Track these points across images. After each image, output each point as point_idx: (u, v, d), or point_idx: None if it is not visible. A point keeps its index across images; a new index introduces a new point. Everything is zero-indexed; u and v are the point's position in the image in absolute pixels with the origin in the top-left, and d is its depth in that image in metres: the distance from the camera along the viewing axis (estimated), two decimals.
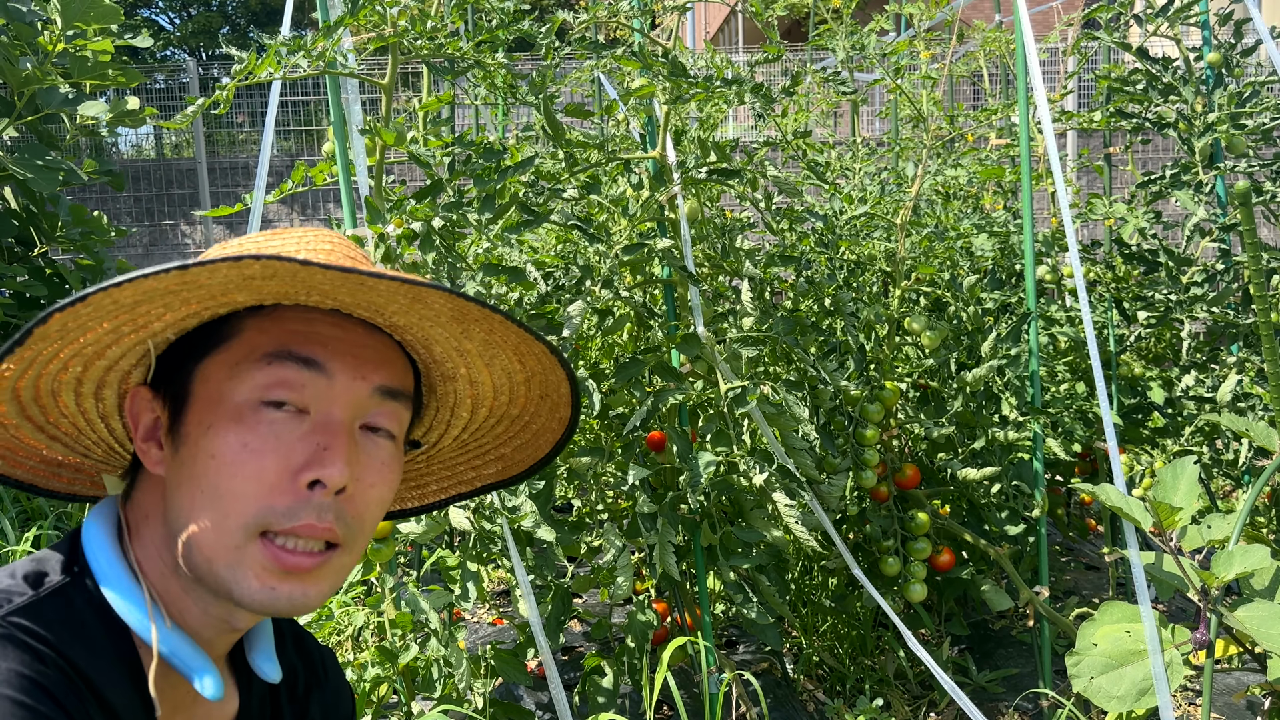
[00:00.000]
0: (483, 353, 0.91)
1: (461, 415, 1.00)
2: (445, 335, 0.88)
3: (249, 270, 0.74)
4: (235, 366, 0.81)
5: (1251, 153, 2.65)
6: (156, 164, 9.94)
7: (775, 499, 2.06)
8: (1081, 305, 1.96)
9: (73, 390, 0.84)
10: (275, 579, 0.79)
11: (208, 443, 0.80)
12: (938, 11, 2.90)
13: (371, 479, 0.85)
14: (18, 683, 0.70)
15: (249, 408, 0.80)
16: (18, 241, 4.41)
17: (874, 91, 8.80)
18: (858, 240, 2.54)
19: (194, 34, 26.75)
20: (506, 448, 1.05)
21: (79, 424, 0.88)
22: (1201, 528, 1.65)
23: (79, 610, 0.79)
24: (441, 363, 0.93)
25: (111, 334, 0.80)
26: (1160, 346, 3.23)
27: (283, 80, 1.63)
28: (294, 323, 0.83)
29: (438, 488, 1.09)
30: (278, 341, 0.82)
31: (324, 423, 0.81)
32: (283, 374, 0.81)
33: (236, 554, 0.78)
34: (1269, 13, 9.84)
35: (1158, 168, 2.77)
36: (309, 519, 0.79)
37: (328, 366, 0.82)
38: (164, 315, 0.80)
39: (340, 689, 1.08)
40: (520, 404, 0.99)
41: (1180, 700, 2.53)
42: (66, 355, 0.80)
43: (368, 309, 0.85)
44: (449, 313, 0.84)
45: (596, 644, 2.89)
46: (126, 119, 4.27)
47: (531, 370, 0.94)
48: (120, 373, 0.85)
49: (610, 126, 2.69)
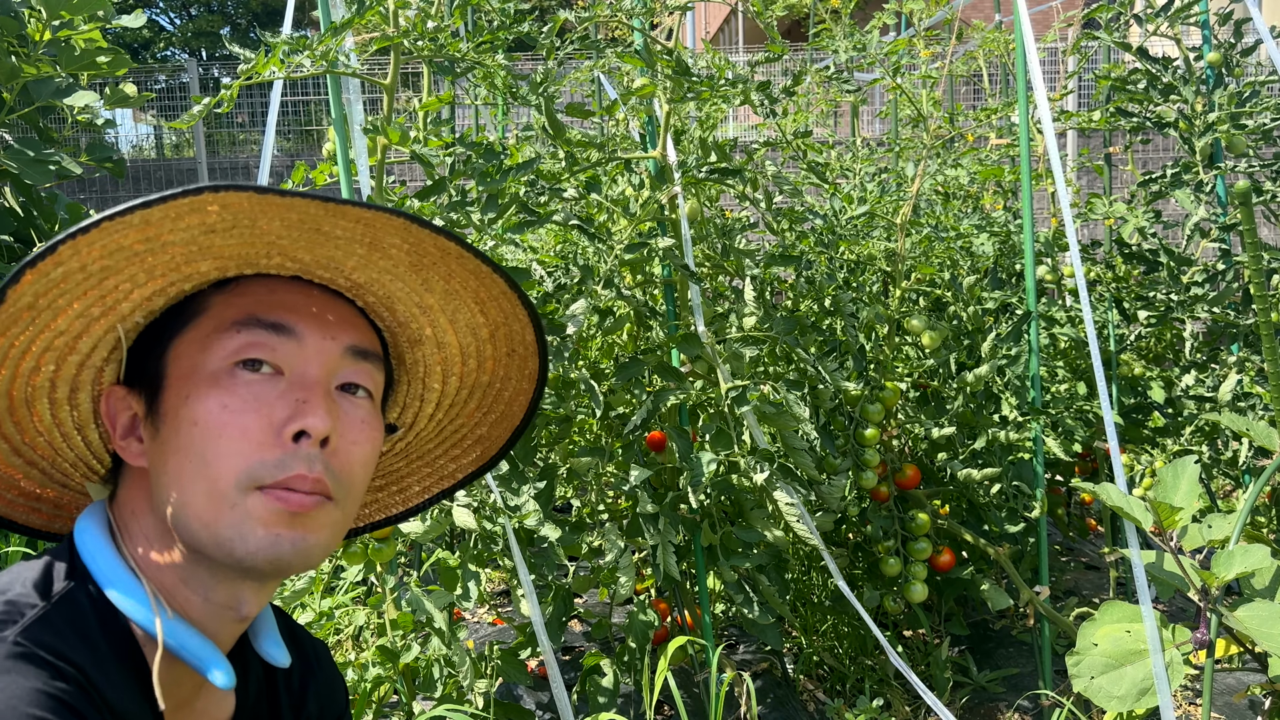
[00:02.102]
0: (445, 306, 0.92)
1: (433, 386, 1.00)
2: (406, 290, 0.89)
3: (209, 216, 0.75)
4: (206, 339, 0.83)
5: (1252, 152, 2.65)
6: (157, 164, 9.94)
7: (776, 497, 2.06)
8: (1082, 305, 1.96)
9: (47, 396, 0.85)
10: (280, 524, 0.80)
11: (188, 411, 0.80)
12: (938, 10, 2.90)
13: (354, 436, 0.85)
14: (43, 702, 0.70)
15: (224, 372, 0.81)
16: (16, 240, 4.41)
17: (874, 91, 8.80)
18: (858, 240, 2.54)
19: (195, 34, 26.75)
20: (483, 426, 1.05)
21: (54, 441, 0.88)
22: (1202, 527, 1.65)
23: (85, 614, 0.79)
24: (406, 324, 0.94)
25: (81, 318, 0.80)
26: (1160, 346, 3.24)
27: (284, 80, 1.63)
28: (258, 293, 0.85)
29: (420, 488, 1.09)
30: (244, 310, 0.83)
31: (300, 380, 0.83)
32: (253, 338, 0.82)
33: (236, 511, 0.79)
34: (1269, 12, 9.84)
35: (1158, 167, 2.77)
36: (299, 469, 0.80)
37: (296, 329, 0.84)
38: (131, 293, 0.81)
39: (334, 680, 1.07)
40: (489, 367, 0.99)
41: (1180, 700, 2.53)
42: (38, 348, 0.80)
43: (327, 267, 0.86)
44: (407, 262, 0.86)
45: (597, 644, 2.89)
46: (124, 103, 4.26)
47: (495, 322, 0.94)
48: (93, 370, 0.86)
49: (611, 126, 2.70)
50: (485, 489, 1.92)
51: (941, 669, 2.57)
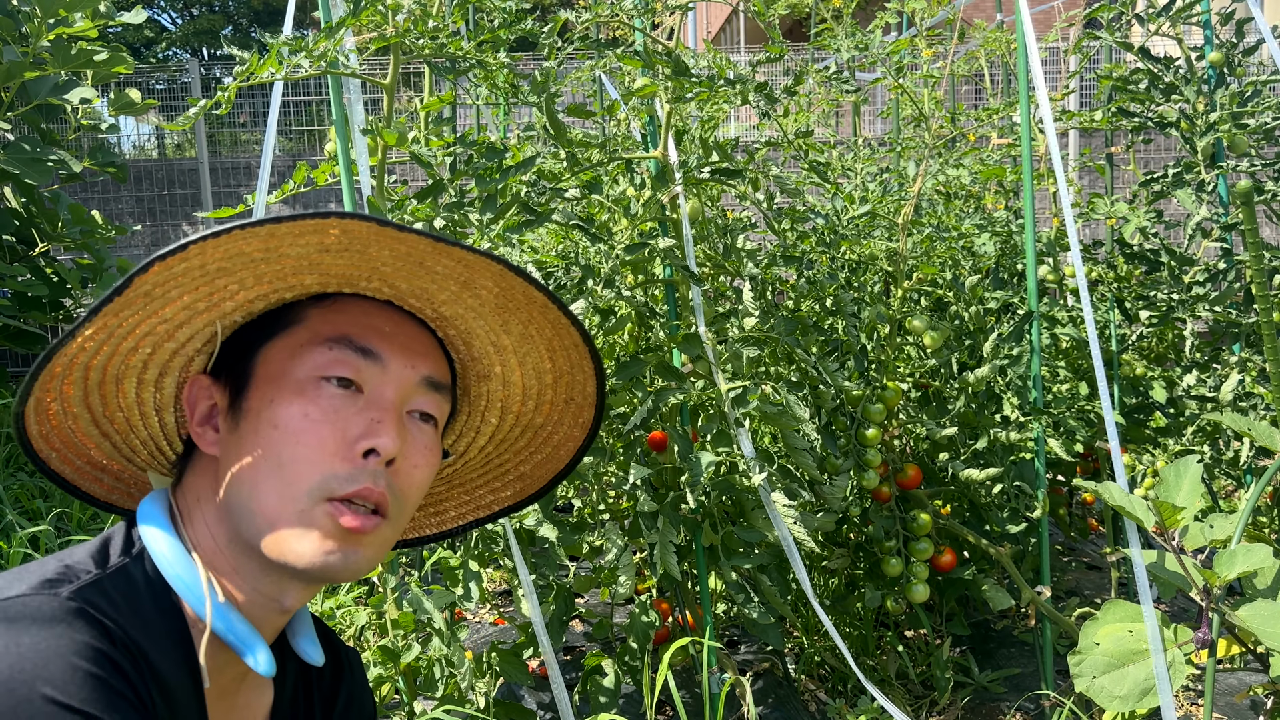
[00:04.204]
0: (517, 348, 0.98)
1: (490, 420, 1.05)
2: (486, 329, 0.95)
3: (329, 237, 0.80)
4: (298, 349, 0.88)
5: (1254, 152, 2.65)
6: (158, 164, 9.94)
7: (773, 499, 2.06)
8: (1084, 305, 1.95)
9: (137, 375, 0.89)
10: (335, 538, 0.84)
11: (270, 414, 0.85)
12: (939, 10, 2.89)
13: (416, 460, 0.91)
14: (92, 655, 0.73)
15: (310, 383, 0.86)
16: (18, 240, 4.41)
17: (876, 90, 8.80)
18: (859, 240, 2.53)
19: (196, 34, 26.75)
20: (526, 465, 1.09)
21: (132, 418, 0.92)
22: (1204, 527, 1.65)
23: (139, 588, 0.83)
24: (479, 360, 1.00)
25: (186, 310, 0.85)
26: (1162, 346, 3.23)
27: (285, 80, 1.63)
28: (354, 313, 0.90)
29: (456, 514, 1.14)
30: (338, 329, 0.88)
31: (377, 401, 0.88)
32: (342, 357, 0.87)
33: (303, 517, 0.83)
34: (1270, 12, 9.83)
35: (1160, 167, 2.77)
36: (366, 483, 0.85)
37: (382, 356, 0.89)
38: (238, 294, 0.86)
39: (364, 687, 1.11)
40: (545, 411, 1.05)
41: (1182, 700, 2.53)
42: (141, 331, 0.85)
43: (420, 297, 0.91)
44: (494, 303, 0.92)
45: (598, 644, 2.89)
46: (129, 110, 4.27)
47: (560, 369, 1.00)
48: (184, 358, 0.91)
49: (612, 126, 2.69)
50: None
51: (943, 669, 2.57)
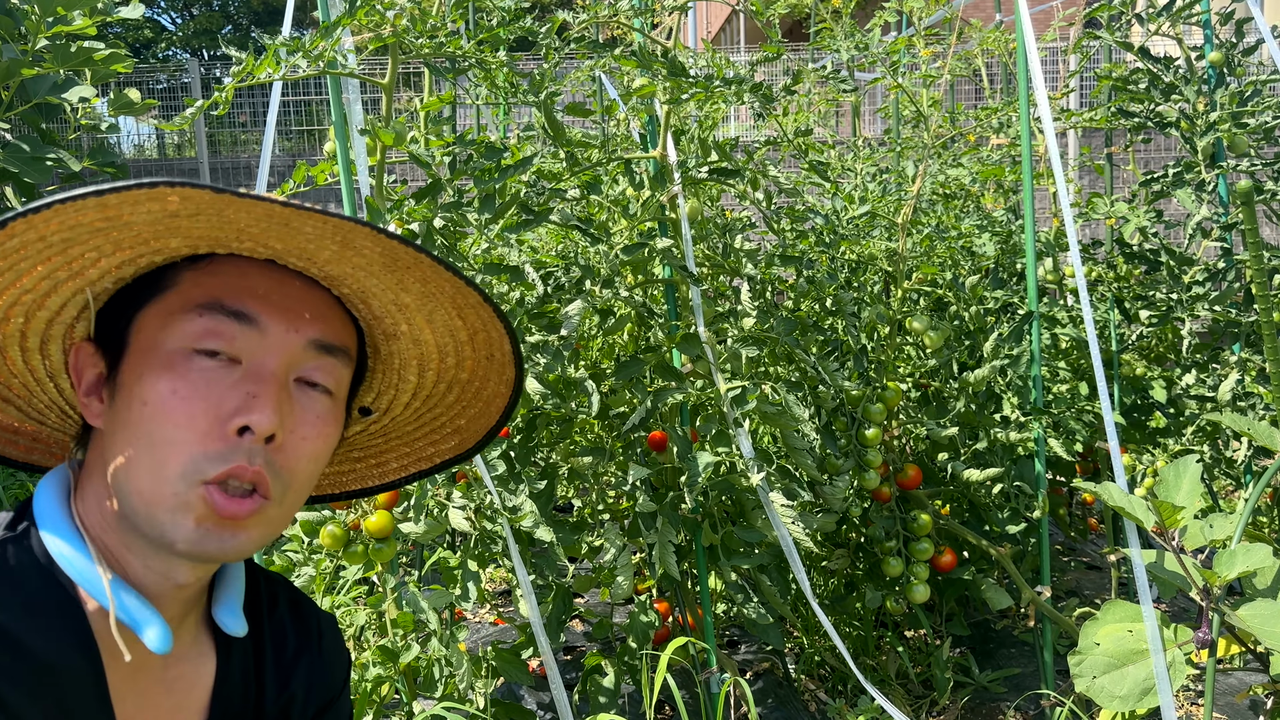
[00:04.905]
0: (422, 307, 0.91)
1: (409, 379, 1.00)
2: (381, 287, 0.88)
3: (170, 204, 0.74)
4: (169, 317, 0.82)
5: (1253, 152, 2.65)
6: (159, 164, 9.94)
7: (772, 499, 2.06)
8: (1083, 305, 1.95)
9: (18, 345, 0.85)
10: (210, 522, 0.80)
11: (140, 390, 0.81)
12: (938, 9, 2.89)
13: (304, 431, 0.85)
14: None
15: (180, 356, 0.81)
16: None
17: (876, 90, 8.79)
18: (859, 240, 2.53)
19: (196, 34, 26.75)
20: (461, 419, 1.05)
21: (29, 384, 0.90)
22: (1203, 527, 1.65)
23: (17, 567, 0.80)
24: (381, 319, 0.93)
25: (47, 280, 0.80)
26: (1162, 346, 3.23)
27: (283, 80, 1.63)
28: (229, 275, 0.84)
29: (398, 465, 1.10)
30: (210, 293, 0.83)
31: (255, 372, 0.82)
32: (214, 325, 0.82)
33: (177, 500, 0.79)
34: (1270, 12, 9.83)
35: (1159, 167, 2.77)
36: (240, 461, 0.80)
37: (259, 319, 0.83)
38: (98, 260, 0.81)
39: (334, 658, 1.06)
40: (469, 367, 0.99)
41: (1182, 700, 2.53)
42: (5, 303, 0.81)
43: (301, 256, 0.84)
44: (380, 261, 0.84)
45: (598, 644, 2.89)
46: (129, 110, 4.27)
47: (474, 327, 0.94)
48: (64, 325, 0.86)
49: (611, 126, 2.69)
50: (484, 490, 1.92)
51: (943, 669, 2.57)
